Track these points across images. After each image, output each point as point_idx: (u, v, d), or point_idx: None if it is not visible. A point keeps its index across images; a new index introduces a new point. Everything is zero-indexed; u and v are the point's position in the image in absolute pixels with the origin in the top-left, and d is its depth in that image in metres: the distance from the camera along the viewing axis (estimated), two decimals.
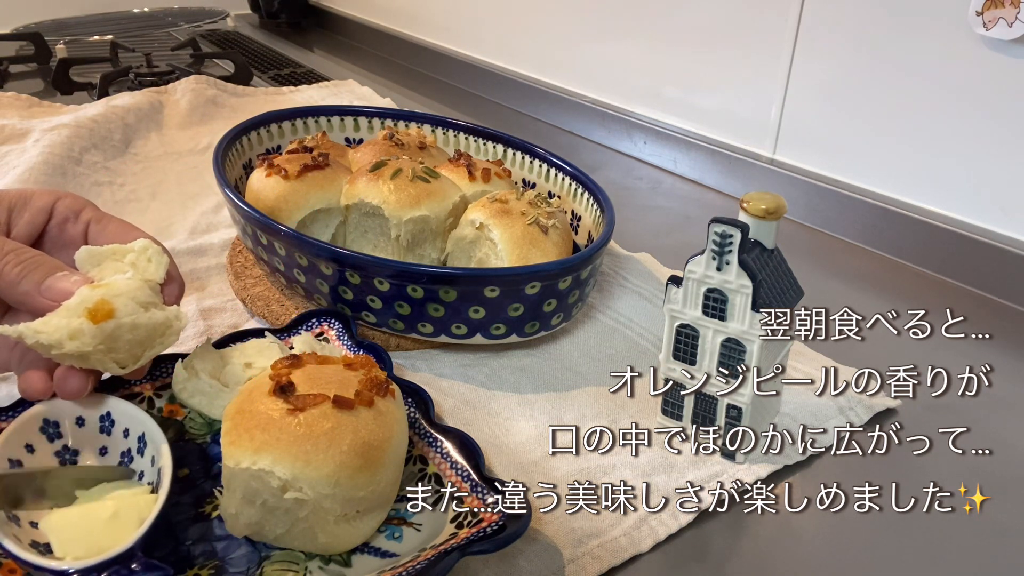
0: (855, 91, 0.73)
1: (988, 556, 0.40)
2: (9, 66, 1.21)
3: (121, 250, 0.43)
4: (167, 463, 0.38)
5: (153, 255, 0.43)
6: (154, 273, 0.43)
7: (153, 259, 0.43)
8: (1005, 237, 0.65)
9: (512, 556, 0.38)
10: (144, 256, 0.43)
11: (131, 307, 0.40)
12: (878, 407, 0.50)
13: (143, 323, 0.40)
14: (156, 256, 0.43)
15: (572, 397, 0.51)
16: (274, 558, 0.37)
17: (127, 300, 0.40)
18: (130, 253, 0.43)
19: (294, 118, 0.73)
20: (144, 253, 0.43)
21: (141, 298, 0.41)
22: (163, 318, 0.41)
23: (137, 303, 0.40)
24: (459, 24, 1.25)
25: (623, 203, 0.81)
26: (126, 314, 0.40)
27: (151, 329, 0.41)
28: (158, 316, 0.41)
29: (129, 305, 0.40)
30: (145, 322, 0.40)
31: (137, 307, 0.40)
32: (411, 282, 0.50)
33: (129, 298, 0.40)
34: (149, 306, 0.41)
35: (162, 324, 0.41)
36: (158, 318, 0.41)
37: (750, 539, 0.41)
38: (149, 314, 0.41)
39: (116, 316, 0.39)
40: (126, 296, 0.40)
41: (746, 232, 0.41)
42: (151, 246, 0.44)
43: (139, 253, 0.43)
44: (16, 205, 0.44)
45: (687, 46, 0.88)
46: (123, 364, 0.41)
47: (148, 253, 0.43)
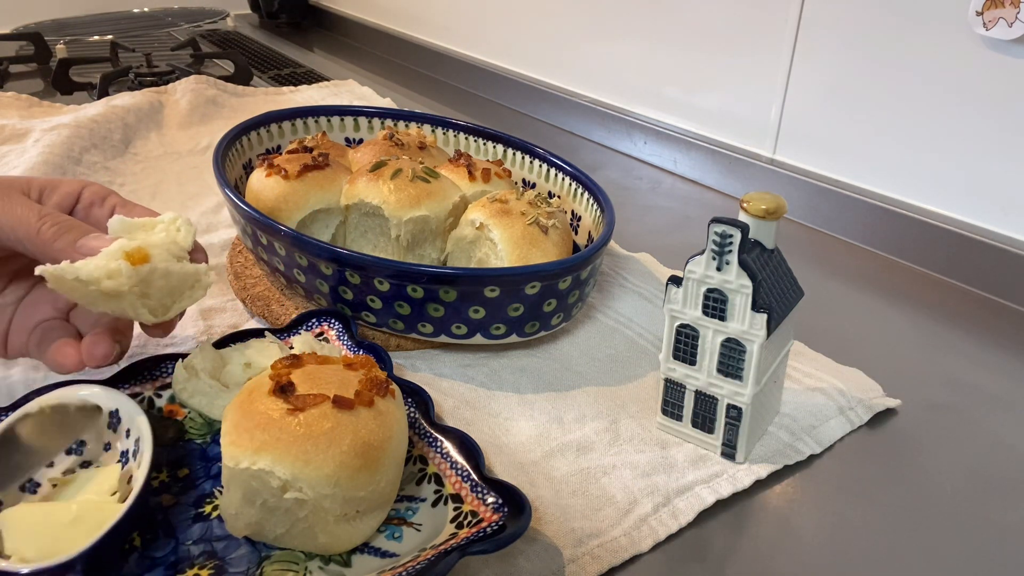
0: (855, 91, 0.73)
1: (988, 556, 0.40)
2: (9, 66, 1.21)
3: (151, 222, 0.45)
4: (141, 475, 0.37)
5: (182, 225, 0.46)
6: (183, 240, 0.45)
7: (182, 228, 0.46)
8: (1005, 237, 0.65)
9: (512, 556, 0.38)
10: (173, 226, 0.46)
11: (165, 256, 0.43)
12: (878, 407, 0.50)
13: (176, 271, 0.43)
14: (185, 226, 0.46)
15: (572, 397, 0.51)
16: (274, 558, 0.37)
17: (161, 250, 0.43)
18: (160, 223, 0.45)
19: (294, 118, 0.73)
20: (173, 223, 0.46)
21: (174, 252, 0.44)
22: (193, 270, 0.44)
23: (170, 254, 0.43)
24: (459, 24, 1.25)
25: (623, 203, 0.81)
26: (161, 260, 0.42)
27: (182, 279, 0.44)
28: (188, 267, 0.44)
29: (163, 254, 0.43)
30: (178, 271, 0.43)
31: (170, 257, 0.43)
32: (411, 282, 0.50)
33: (163, 249, 0.43)
34: (180, 259, 0.44)
35: (192, 276, 0.44)
36: (189, 269, 0.44)
37: (750, 539, 0.41)
38: (181, 264, 0.43)
39: (152, 262, 0.42)
40: (161, 247, 0.43)
41: (746, 232, 0.41)
42: (180, 216, 0.46)
43: (168, 224, 0.46)
44: (46, 188, 0.46)
45: (687, 46, 0.88)
46: (153, 312, 0.43)
47: (177, 223, 0.46)
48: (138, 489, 0.36)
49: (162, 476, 0.42)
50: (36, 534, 0.35)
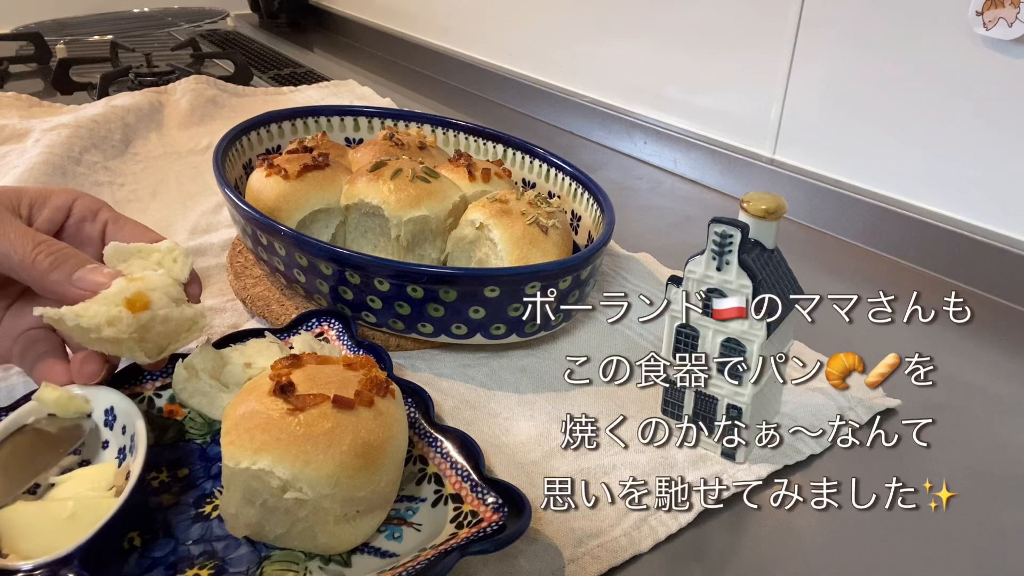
0: (855, 91, 0.73)
1: (990, 555, 0.40)
2: (9, 66, 1.21)
3: (148, 248, 0.45)
4: (136, 467, 0.37)
5: (179, 256, 0.46)
6: (179, 273, 0.45)
7: (179, 259, 0.46)
8: (1005, 237, 0.65)
9: (512, 556, 0.38)
10: (170, 256, 0.46)
11: (165, 301, 0.43)
12: (878, 407, 0.50)
13: (174, 317, 0.43)
14: (182, 257, 0.46)
15: (572, 397, 0.51)
16: (274, 558, 0.37)
17: (161, 294, 0.42)
18: (156, 252, 0.45)
19: (294, 118, 0.73)
20: (171, 253, 0.46)
21: (172, 294, 0.43)
22: (191, 314, 0.44)
23: (169, 298, 0.43)
24: (459, 24, 1.25)
25: (623, 203, 0.81)
26: (160, 307, 0.42)
27: (180, 323, 0.43)
28: (187, 312, 0.44)
29: (163, 299, 0.43)
30: (176, 316, 0.43)
31: (169, 302, 0.43)
32: (411, 282, 0.50)
33: (163, 292, 0.43)
34: (179, 302, 0.44)
35: (189, 320, 0.44)
36: (187, 314, 0.44)
37: (750, 539, 0.41)
38: (180, 309, 0.43)
39: (152, 308, 0.42)
40: (160, 291, 0.43)
41: (746, 232, 0.41)
42: (177, 247, 0.46)
43: (165, 253, 0.46)
44: (36, 201, 0.46)
45: (687, 46, 0.88)
46: (148, 353, 0.43)
47: (174, 253, 0.46)
48: (133, 482, 0.36)
49: (162, 476, 0.42)
50: (34, 531, 0.35)
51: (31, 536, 0.35)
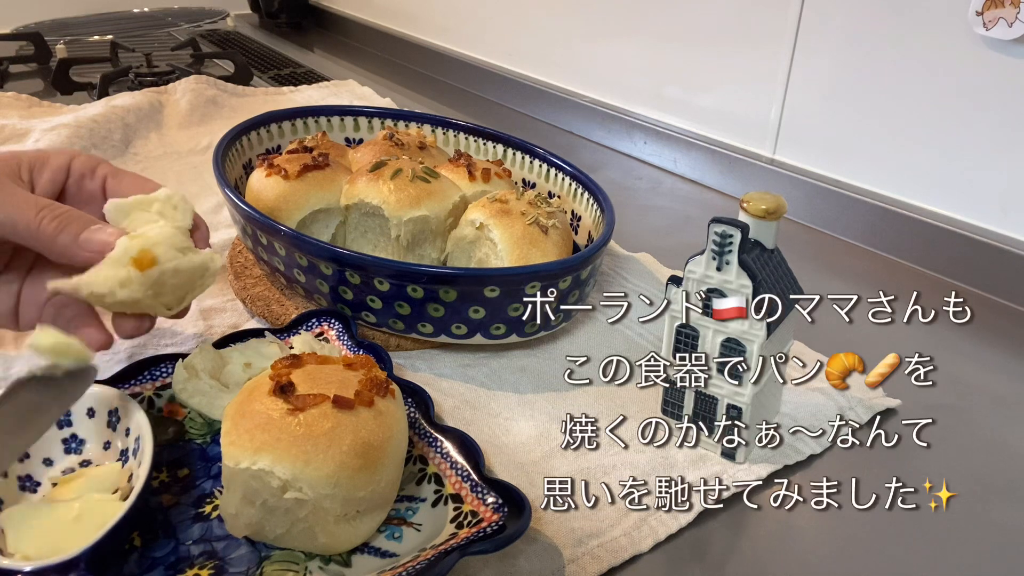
0: (855, 91, 0.73)
1: (990, 554, 0.40)
2: (9, 66, 1.21)
3: (146, 200, 0.44)
4: (142, 474, 0.37)
5: (178, 202, 0.45)
6: (182, 219, 0.45)
7: (179, 206, 0.45)
8: (1005, 237, 0.65)
9: (512, 556, 0.38)
10: (170, 204, 0.45)
11: (171, 253, 0.42)
12: (878, 407, 0.50)
13: (184, 267, 0.42)
14: (181, 203, 0.45)
15: (572, 397, 0.51)
16: (274, 558, 0.37)
17: (166, 247, 0.42)
18: (155, 202, 0.44)
19: (294, 118, 0.73)
20: (169, 201, 0.45)
21: (177, 244, 0.43)
22: (200, 261, 0.43)
23: (175, 249, 0.42)
24: (459, 24, 1.25)
25: (623, 203, 0.81)
26: (168, 259, 0.42)
27: (192, 272, 0.43)
28: (196, 259, 0.43)
29: (169, 251, 0.42)
30: (186, 266, 0.42)
31: (176, 252, 0.42)
32: (411, 282, 0.50)
33: (167, 245, 0.42)
34: (186, 250, 0.43)
35: (200, 266, 0.43)
36: (196, 261, 0.43)
37: (750, 539, 0.41)
38: (188, 258, 0.43)
39: (159, 263, 0.41)
40: (164, 243, 0.42)
41: (746, 232, 0.41)
42: (175, 194, 0.45)
43: (164, 202, 0.45)
44: (35, 165, 0.45)
45: (687, 46, 0.88)
46: (169, 306, 0.43)
47: (173, 200, 0.45)
48: (140, 487, 0.36)
49: (162, 476, 0.42)
50: (38, 532, 0.35)
51: (36, 537, 0.35)
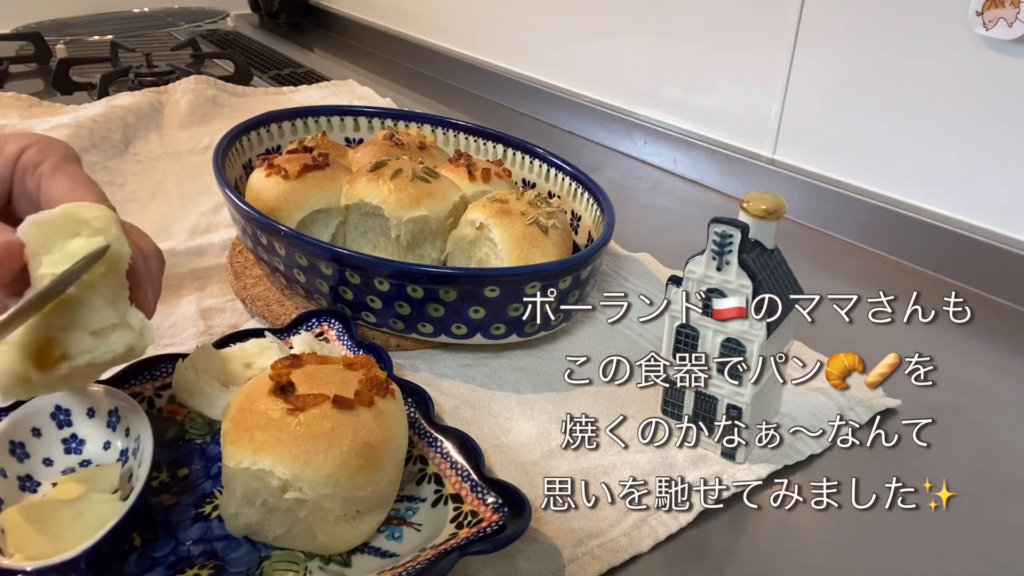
0: (855, 91, 0.73)
1: (990, 555, 0.40)
2: (9, 66, 1.21)
3: (74, 218, 0.35)
4: (142, 475, 0.37)
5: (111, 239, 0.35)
6: (118, 256, 0.35)
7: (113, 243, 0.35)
8: (1005, 237, 0.65)
9: (512, 556, 0.38)
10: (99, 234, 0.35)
11: (83, 343, 0.34)
12: (878, 407, 0.50)
13: (100, 361, 0.35)
14: (118, 241, 0.35)
15: (572, 397, 0.51)
16: (274, 558, 0.37)
17: (78, 333, 0.34)
18: (84, 227, 0.35)
19: (294, 118, 0.73)
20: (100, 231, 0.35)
21: (96, 322, 0.34)
22: (123, 347, 0.35)
23: (90, 332, 0.34)
24: (459, 24, 1.25)
25: (623, 203, 0.81)
26: (79, 353, 0.34)
27: (112, 361, 0.36)
28: (118, 346, 0.35)
29: (81, 341, 0.34)
30: (102, 359, 0.35)
31: (91, 340, 0.34)
32: (411, 282, 0.50)
33: (80, 328, 0.34)
34: (107, 331, 0.35)
35: (123, 355, 0.35)
36: (118, 349, 0.35)
37: (750, 539, 0.41)
38: (107, 346, 0.35)
39: (68, 358, 0.34)
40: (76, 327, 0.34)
41: (746, 232, 0.41)
42: (111, 224, 0.35)
43: (94, 231, 0.35)
44: None
45: (687, 46, 0.88)
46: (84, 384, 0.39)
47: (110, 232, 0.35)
48: (140, 487, 0.36)
49: (162, 476, 0.42)
50: (38, 533, 0.35)
51: (36, 537, 0.35)
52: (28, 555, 0.34)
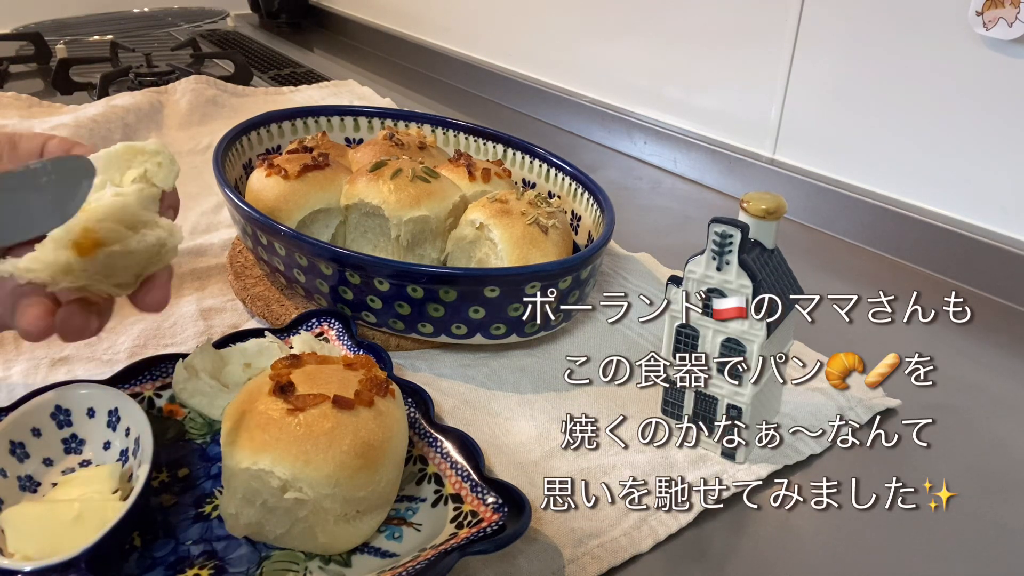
0: (855, 91, 0.73)
1: (990, 555, 0.40)
2: (9, 66, 1.21)
3: (130, 150, 0.40)
4: (142, 475, 0.37)
5: (164, 160, 0.40)
6: (163, 180, 0.40)
7: (164, 164, 0.40)
8: (1005, 237, 0.65)
9: (512, 556, 0.38)
10: (155, 160, 0.40)
11: (118, 232, 0.37)
12: (878, 407, 0.50)
13: (134, 248, 0.38)
14: (167, 162, 0.40)
15: (572, 397, 0.51)
16: (274, 558, 0.37)
17: (112, 224, 0.37)
18: (140, 155, 0.40)
19: (294, 118, 0.73)
20: (155, 157, 0.40)
21: (127, 218, 0.38)
22: (155, 239, 0.38)
23: (124, 225, 0.37)
24: (459, 24, 1.25)
25: (623, 203, 0.81)
26: (114, 240, 0.37)
27: (145, 251, 0.38)
28: (150, 237, 0.38)
29: (115, 230, 0.37)
30: (135, 246, 0.38)
31: (124, 231, 0.37)
32: (411, 282, 0.50)
33: (114, 221, 0.37)
34: (138, 225, 0.38)
35: (155, 244, 0.38)
36: (150, 239, 0.38)
37: (750, 539, 0.41)
38: (139, 236, 0.38)
39: (104, 244, 0.37)
40: (110, 220, 0.37)
41: (746, 232, 0.41)
42: (163, 149, 0.41)
43: (150, 156, 0.40)
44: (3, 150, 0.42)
45: (687, 46, 0.88)
46: (120, 286, 0.39)
47: (159, 157, 0.40)
48: (140, 487, 0.36)
49: (162, 476, 0.42)
50: (39, 532, 0.35)
51: (36, 537, 0.35)
52: (28, 555, 0.34)
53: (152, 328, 0.56)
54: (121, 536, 0.36)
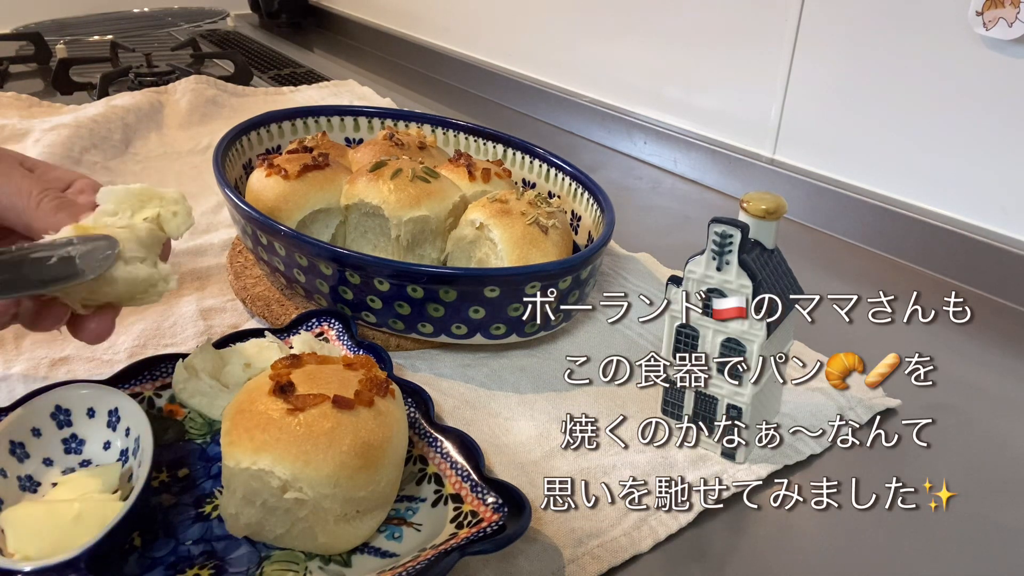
0: (855, 91, 0.73)
1: (990, 555, 0.40)
2: (9, 66, 1.21)
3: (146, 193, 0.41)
4: (142, 475, 0.37)
5: (181, 211, 0.42)
6: (174, 229, 0.42)
7: (179, 215, 0.42)
8: (1005, 237, 0.65)
9: (512, 556, 0.38)
10: (171, 208, 0.42)
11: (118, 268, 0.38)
12: (878, 407, 0.50)
13: (120, 277, 0.38)
14: (183, 214, 0.42)
15: (572, 397, 0.51)
16: (274, 558, 0.37)
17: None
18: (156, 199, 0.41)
19: (294, 118, 0.73)
20: (173, 206, 0.42)
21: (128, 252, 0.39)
22: (146, 275, 0.39)
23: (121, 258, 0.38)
24: (459, 24, 1.25)
25: (623, 203, 0.81)
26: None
27: (130, 284, 0.39)
28: (140, 272, 0.39)
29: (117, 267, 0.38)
30: (122, 276, 0.38)
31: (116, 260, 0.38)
32: (411, 282, 0.50)
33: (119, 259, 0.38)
34: (133, 260, 0.39)
35: (144, 281, 0.39)
36: (140, 274, 0.39)
37: (750, 539, 0.41)
38: (130, 268, 0.39)
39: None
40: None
41: (746, 232, 0.41)
42: (183, 201, 0.42)
43: (168, 203, 0.42)
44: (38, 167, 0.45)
45: (687, 46, 0.88)
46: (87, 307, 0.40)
47: (175, 207, 0.42)
48: (140, 487, 0.36)
49: (162, 476, 0.42)
50: (38, 532, 0.35)
51: (36, 536, 0.35)
52: (28, 555, 0.34)
53: (152, 328, 0.56)
54: (121, 536, 0.36)
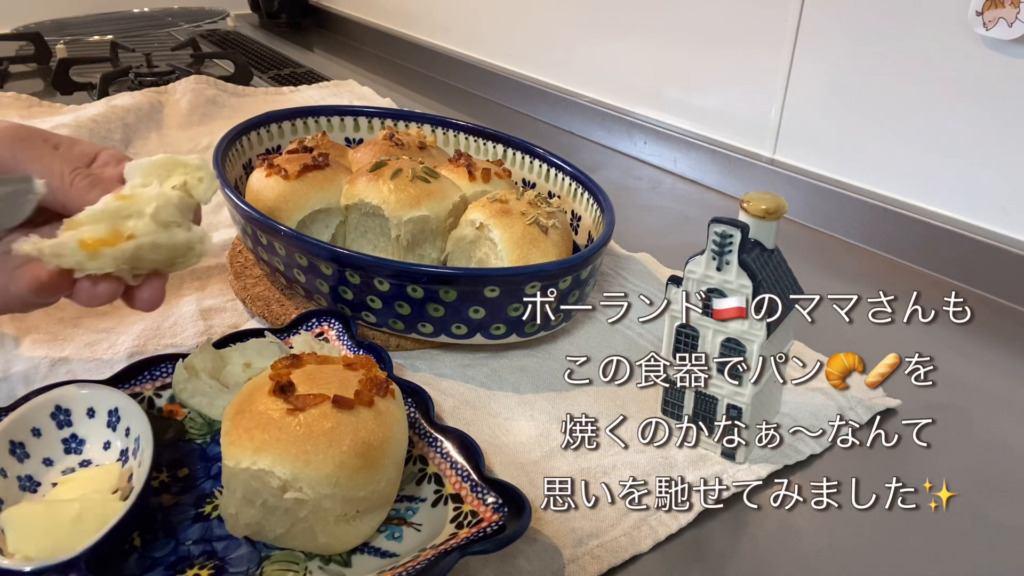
0: (855, 91, 0.73)
1: (990, 554, 0.40)
2: (9, 66, 1.21)
3: (172, 162, 0.42)
4: (142, 475, 0.37)
5: (206, 175, 0.43)
6: (202, 194, 0.42)
7: (204, 180, 0.43)
8: (1005, 237, 0.65)
9: (512, 556, 0.38)
10: (195, 174, 0.42)
11: (151, 226, 0.40)
12: (878, 407, 0.50)
13: (163, 243, 0.40)
14: (208, 178, 0.43)
15: (572, 397, 0.51)
16: (274, 558, 0.37)
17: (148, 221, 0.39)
18: (181, 167, 0.42)
19: (294, 118, 0.73)
20: (196, 172, 0.42)
21: (164, 215, 0.40)
22: (185, 239, 0.41)
23: (157, 222, 0.40)
24: (459, 24, 1.25)
25: (623, 203, 0.81)
26: (145, 234, 0.39)
27: (172, 249, 0.41)
28: (180, 236, 0.41)
29: (149, 225, 0.39)
30: (165, 242, 0.40)
31: (157, 227, 0.40)
32: (411, 282, 0.50)
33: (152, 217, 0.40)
34: (171, 225, 0.40)
35: (183, 245, 0.41)
36: (179, 238, 0.41)
37: (750, 539, 0.41)
38: (170, 233, 0.40)
39: (136, 237, 0.39)
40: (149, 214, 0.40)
41: (746, 232, 0.41)
42: (205, 165, 0.43)
43: (192, 170, 0.42)
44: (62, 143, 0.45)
45: (687, 46, 0.88)
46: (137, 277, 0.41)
47: (200, 173, 0.43)
48: (140, 487, 0.36)
49: (162, 476, 0.42)
50: (39, 533, 0.35)
51: (36, 536, 0.35)
52: (28, 555, 0.34)
53: (152, 328, 0.56)
54: (121, 536, 0.36)
